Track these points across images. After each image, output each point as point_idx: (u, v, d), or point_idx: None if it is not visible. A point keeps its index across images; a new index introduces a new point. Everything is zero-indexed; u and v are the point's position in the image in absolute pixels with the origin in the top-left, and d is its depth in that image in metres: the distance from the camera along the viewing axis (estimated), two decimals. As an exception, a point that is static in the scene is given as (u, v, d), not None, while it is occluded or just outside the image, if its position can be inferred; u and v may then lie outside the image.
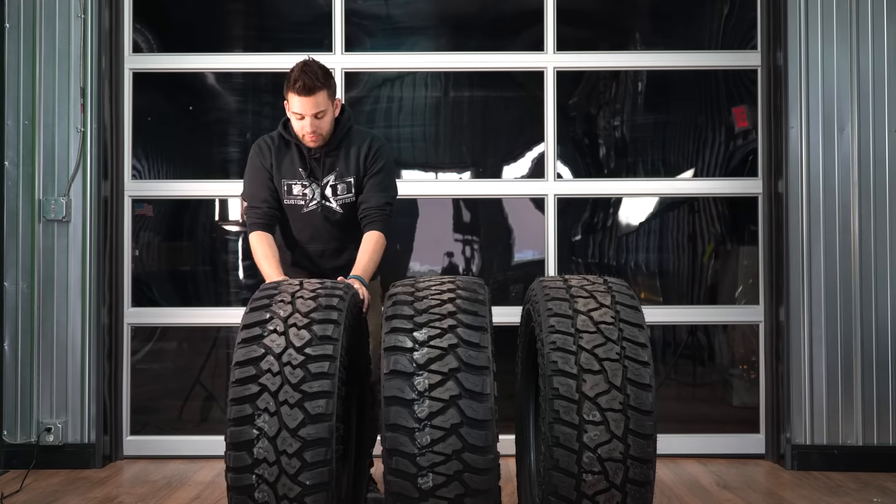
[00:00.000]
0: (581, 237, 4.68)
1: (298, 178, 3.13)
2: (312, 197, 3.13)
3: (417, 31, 4.76)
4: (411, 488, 2.18)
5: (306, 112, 2.99)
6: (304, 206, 3.14)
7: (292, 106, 3.02)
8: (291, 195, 3.14)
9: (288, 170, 3.13)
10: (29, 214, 4.21)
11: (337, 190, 3.13)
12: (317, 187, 3.12)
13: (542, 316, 2.40)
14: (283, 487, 2.19)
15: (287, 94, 3.03)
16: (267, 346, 2.29)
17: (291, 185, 3.13)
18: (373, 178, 3.13)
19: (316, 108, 2.99)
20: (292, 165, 3.13)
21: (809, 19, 4.20)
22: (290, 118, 3.08)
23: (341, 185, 3.13)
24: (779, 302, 4.25)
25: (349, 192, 3.14)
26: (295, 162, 3.13)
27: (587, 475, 2.21)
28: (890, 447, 4.11)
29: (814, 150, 4.20)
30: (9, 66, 4.22)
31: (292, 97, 3.00)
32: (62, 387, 4.19)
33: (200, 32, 4.73)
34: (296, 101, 2.99)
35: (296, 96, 2.98)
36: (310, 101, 2.97)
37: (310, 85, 2.96)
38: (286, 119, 3.16)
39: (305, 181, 3.12)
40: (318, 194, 3.12)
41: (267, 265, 3.02)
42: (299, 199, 3.13)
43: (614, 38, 4.78)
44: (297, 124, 3.05)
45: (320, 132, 3.04)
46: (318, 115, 3.01)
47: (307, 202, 3.14)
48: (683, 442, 4.36)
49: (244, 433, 2.21)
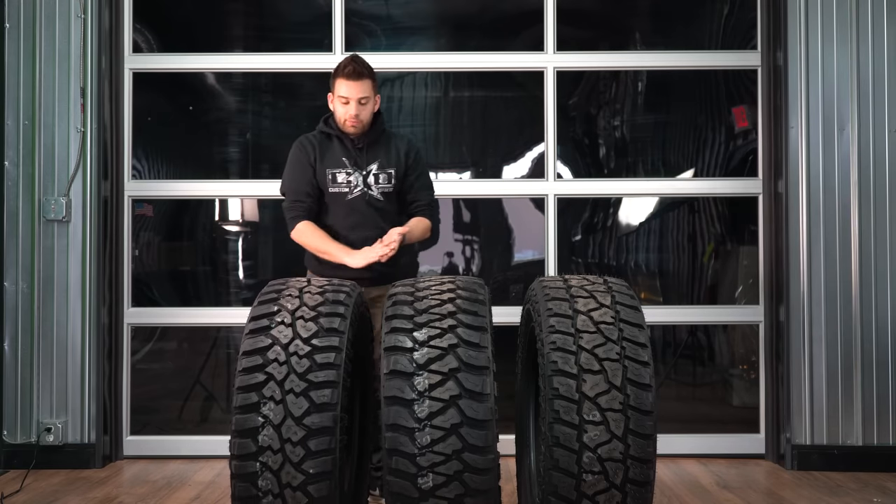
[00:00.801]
0: (581, 237, 4.68)
1: (342, 167, 3.29)
2: (356, 184, 3.29)
3: (417, 31, 4.76)
4: (411, 488, 2.18)
5: (352, 96, 3.20)
6: (349, 192, 3.29)
7: (339, 90, 3.22)
8: (336, 183, 3.29)
9: (332, 160, 3.30)
10: (29, 214, 4.21)
11: (379, 179, 3.31)
12: (359, 175, 3.29)
13: (542, 316, 2.40)
14: (286, 475, 2.21)
15: (334, 82, 3.25)
16: (274, 337, 2.33)
17: (336, 173, 3.29)
18: (419, 178, 3.40)
19: (361, 93, 3.21)
20: (336, 155, 3.30)
21: (809, 19, 4.21)
22: (335, 105, 3.27)
23: (383, 175, 3.31)
24: (779, 302, 4.25)
25: (389, 182, 3.32)
26: (338, 152, 3.31)
27: (587, 475, 2.21)
28: (890, 447, 4.11)
29: (814, 150, 4.20)
30: (9, 66, 4.23)
31: (340, 82, 3.22)
32: (62, 387, 4.19)
33: (200, 32, 4.73)
34: (344, 85, 3.20)
35: (344, 81, 3.20)
36: (357, 85, 3.19)
37: (359, 70, 3.20)
38: (326, 116, 3.37)
39: (349, 169, 3.29)
40: (361, 181, 3.29)
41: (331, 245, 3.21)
42: (343, 186, 3.29)
43: (614, 38, 4.78)
44: (340, 109, 3.24)
45: (361, 119, 3.24)
46: (362, 101, 3.22)
47: (351, 189, 3.29)
48: (683, 442, 4.36)
49: (249, 421, 2.23)
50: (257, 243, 4.80)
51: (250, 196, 4.65)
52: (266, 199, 4.65)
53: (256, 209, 4.72)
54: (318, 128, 3.38)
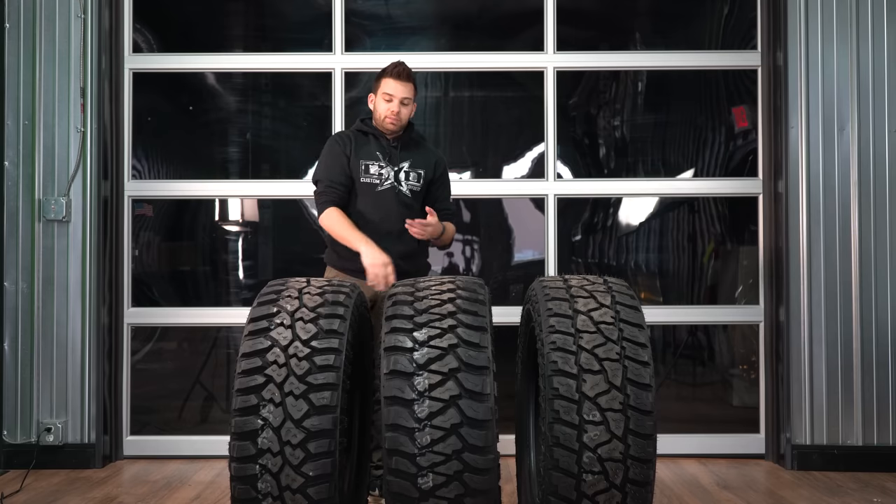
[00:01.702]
0: (581, 237, 4.68)
1: (376, 160, 3.45)
2: (387, 177, 3.44)
3: (417, 31, 4.76)
4: (411, 488, 2.18)
5: (397, 94, 3.40)
6: (380, 184, 3.43)
7: (385, 88, 3.41)
8: (368, 174, 3.43)
9: (366, 153, 3.46)
10: (29, 214, 4.21)
11: (409, 176, 3.47)
12: (391, 170, 3.44)
13: (542, 316, 2.40)
14: (286, 478, 2.21)
15: (381, 80, 3.44)
16: (273, 339, 2.32)
17: (369, 164, 3.44)
18: (445, 189, 3.62)
19: (405, 93, 3.41)
20: (371, 150, 3.46)
21: (809, 19, 4.21)
22: (377, 103, 3.44)
23: (413, 174, 3.48)
24: (779, 302, 4.25)
25: (418, 181, 3.49)
26: (374, 147, 3.47)
27: (587, 475, 2.21)
28: (890, 447, 4.11)
29: (814, 150, 4.20)
30: (9, 66, 4.23)
31: (387, 81, 3.41)
32: (62, 387, 4.19)
33: (200, 32, 4.73)
34: (391, 83, 3.40)
35: (392, 80, 3.40)
36: (402, 86, 3.40)
37: (407, 72, 3.43)
38: (363, 117, 3.56)
39: (382, 163, 3.45)
40: (392, 176, 3.44)
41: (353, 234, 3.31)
42: (375, 178, 3.43)
43: (614, 38, 4.78)
44: (383, 106, 3.42)
45: (401, 117, 3.43)
46: (404, 102, 3.42)
47: (382, 181, 3.43)
48: (683, 442, 4.36)
49: (249, 423, 2.23)
50: (257, 243, 4.80)
51: (250, 196, 4.65)
52: (266, 199, 4.65)
53: (256, 209, 4.72)
54: (355, 126, 3.53)
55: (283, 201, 4.64)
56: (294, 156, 4.82)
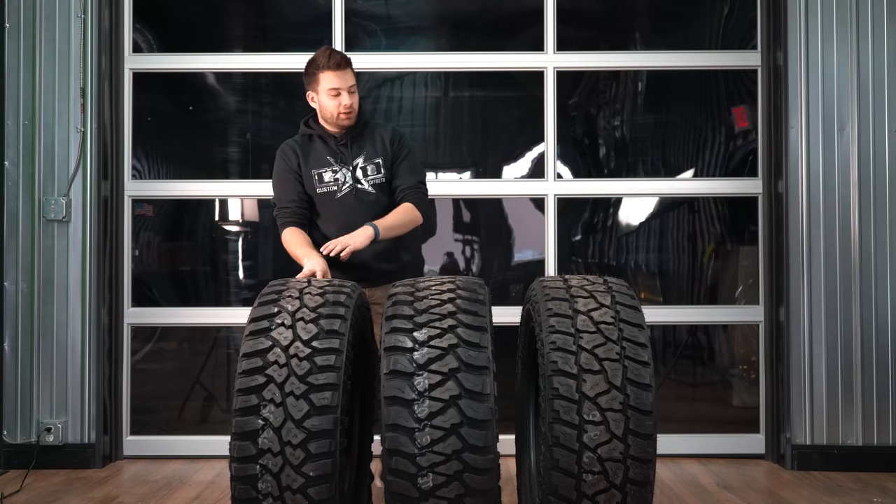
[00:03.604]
0: (581, 237, 4.68)
1: (328, 166, 3.23)
2: (344, 181, 3.23)
3: (417, 31, 4.76)
4: (411, 488, 2.18)
5: (343, 86, 3.14)
6: (338, 190, 3.23)
7: (328, 83, 3.14)
8: (323, 183, 3.23)
9: (316, 160, 3.24)
10: (29, 214, 4.21)
11: (367, 171, 3.24)
12: (347, 171, 3.23)
13: (542, 316, 2.40)
14: (286, 478, 2.21)
15: (319, 76, 3.16)
16: (274, 339, 2.32)
17: (322, 173, 3.23)
18: (403, 162, 3.28)
19: (348, 83, 3.16)
20: (320, 155, 3.25)
21: (809, 19, 4.21)
22: (321, 101, 3.19)
23: (371, 166, 3.24)
24: (779, 302, 4.25)
25: (379, 172, 3.25)
26: (322, 152, 3.25)
27: (587, 475, 2.21)
28: (890, 447, 4.11)
29: (814, 150, 4.20)
30: (9, 66, 4.23)
31: (327, 75, 3.14)
32: (62, 387, 4.19)
33: (200, 32, 4.73)
34: (332, 77, 3.13)
35: (331, 72, 3.13)
36: (344, 75, 3.14)
37: (344, 59, 3.16)
38: (306, 118, 3.31)
39: (335, 167, 3.23)
40: (349, 177, 3.23)
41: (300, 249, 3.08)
42: (331, 185, 3.23)
43: (614, 38, 4.78)
44: (331, 103, 3.17)
45: (354, 108, 3.19)
46: (351, 91, 3.17)
47: (340, 187, 3.23)
48: (683, 442, 4.37)
49: (249, 423, 2.23)
50: (257, 243, 4.80)
51: (250, 196, 4.65)
52: (266, 198, 4.65)
53: (256, 209, 4.72)
54: (300, 131, 3.31)
55: (283, 201, 4.63)
56: (294, 156, 4.81)
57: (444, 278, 2.51)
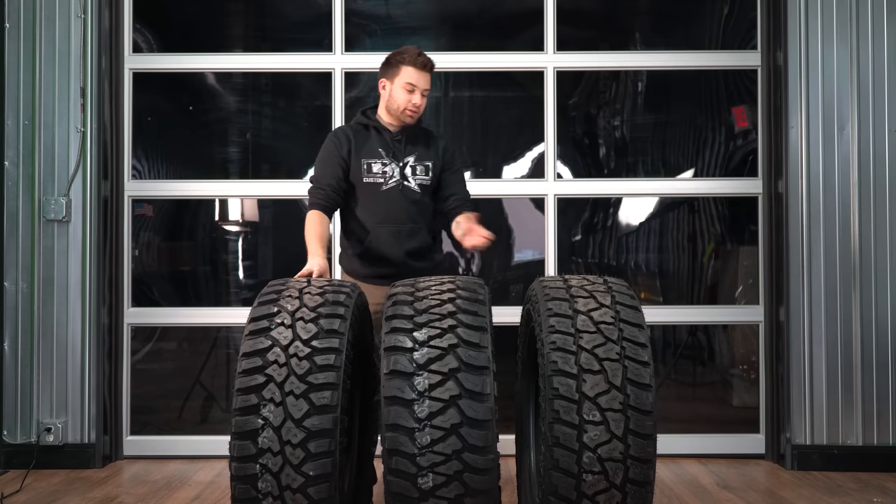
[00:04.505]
0: (581, 237, 4.68)
1: (378, 157, 3.24)
2: (392, 175, 3.24)
3: (417, 31, 4.76)
4: (411, 488, 2.18)
5: (420, 85, 3.19)
6: (384, 183, 3.23)
7: (407, 77, 3.18)
8: (371, 173, 3.23)
9: (368, 150, 3.25)
10: (29, 214, 4.21)
11: (416, 170, 3.26)
12: (396, 166, 3.24)
13: (542, 316, 2.40)
14: (286, 477, 2.21)
15: (400, 68, 3.20)
16: (274, 338, 2.32)
17: (371, 163, 3.24)
18: (455, 174, 3.36)
19: (427, 85, 3.21)
20: (373, 146, 3.25)
21: (809, 19, 4.21)
22: (395, 92, 3.21)
23: (420, 167, 3.27)
24: (779, 302, 4.25)
25: (427, 174, 3.27)
26: (375, 143, 3.26)
27: (587, 475, 2.21)
28: (890, 447, 4.11)
29: (814, 150, 4.20)
30: (9, 66, 4.23)
31: (410, 70, 3.18)
32: (62, 387, 4.19)
33: (200, 32, 4.73)
34: (413, 73, 3.18)
35: (414, 69, 3.18)
36: (425, 76, 3.20)
37: (430, 62, 3.22)
38: (364, 108, 3.34)
39: (386, 160, 3.24)
40: (397, 172, 3.24)
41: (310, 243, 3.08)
42: (378, 176, 3.23)
43: (614, 38, 4.78)
44: (404, 97, 3.20)
45: (421, 110, 3.23)
46: (424, 93, 3.22)
47: (386, 179, 3.23)
48: (683, 442, 4.37)
49: (249, 423, 2.23)
50: (257, 243, 4.80)
51: (250, 196, 4.65)
52: (266, 198, 4.65)
53: (256, 209, 4.72)
54: (356, 119, 3.32)
55: (283, 201, 4.64)
56: (294, 156, 4.82)
57: (444, 278, 2.51)
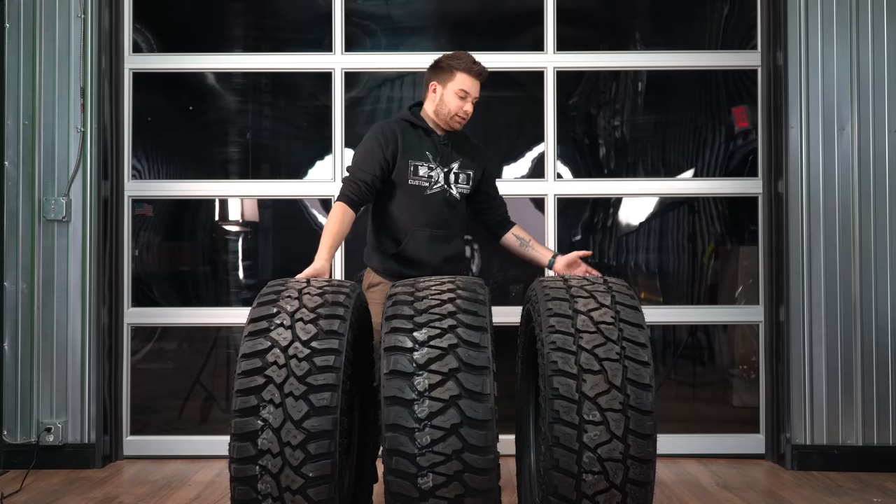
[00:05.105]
0: (581, 237, 4.68)
1: (426, 161, 3.23)
2: (437, 180, 3.24)
3: (417, 31, 4.76)
4: (411, 488, 2.18)
5: (473, 93, 3.21)
6: (429, 187, 3.23)
7: (462, 84, 3.20)
8: (417, 176, 3.22)
9: (416, 151, 3.23)
10: (29, 214, 4.21)
11: (459, 178, 3.28)
12: (442, 172, 3.25)
13: (542, 316, 2.40)
14: (286, 479, 2.21)
15: (456, 74, 3.20)
16: (273, 340, 2.32)
17: (418, 165, 3.22)
18: (494, 183, 3.45)
19: (478, 93, 3.24)
20: (421, 148, 3.24)
21: (809, 19, 4.20)
22: (448, 97, 3.21)
23: (463, 175, 3.29)
24: (779, 302, 4.25)
25: (467, 183, 3.31)
26: (424, 145, 3.24)
27: (587, 475, 2.21)
28: (890, 447, 4.11)
29: (814, 150, 4.20)
30: (9, 66, 4.23)
31: (465, 77, 3.20)
32: (62, 387, 4.19)
33: (200, 32, 4.73)
34: (468, 81, 3.20)
35: (470, 77, 3.21)
36: (478, 85, 3.23)
37: (486, 73, 3.24)
38: (412, 105, 3.33)
39: (433, 164, 3.24)
40: (442, 178, 3.25)
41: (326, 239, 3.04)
42: (424, 180, 3.22)
43: (614, 38, 4.78)
44: (455, 103, 3.20)
45: (469, 116, 3.24)
46: (474, 101, 3.23)
47: (431, 184, 3.23)
48: (683, 442, 4.36)
49: (248, 424, 2.23)
50: (257, 243, 4.80)
51: (250, 196, 4.65)
52: (266, 198, 4.65)
53: (256, 209, 4.72)
54: (402, 116, 3.30)
55: (283, 201, 4.64)
56: (294, 156, 4.82)
57: (444, 278, 2.52)
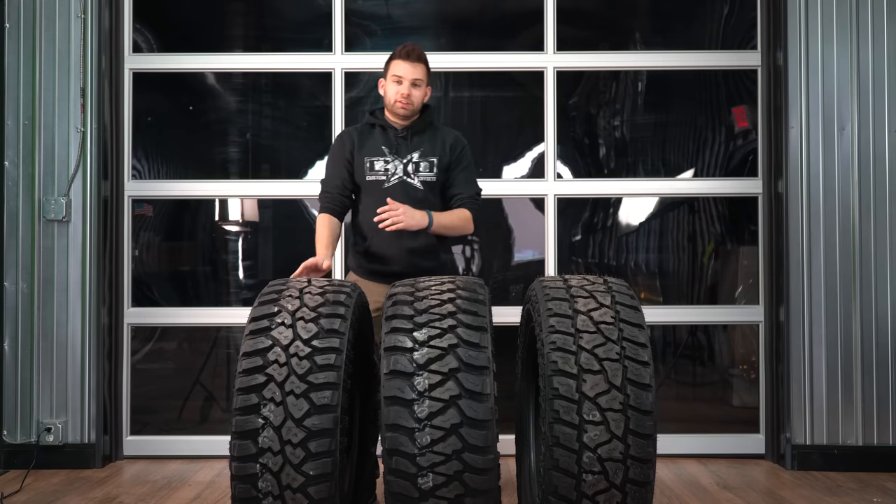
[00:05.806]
0: (581, 237, 4.68)
1: (381, 155, 3.28)
2: (394, 172, 3.27)
3: (417, 31, 4.76)
4: (411, 488, 2.18)
5: (406, 76, 3.23)
6: (386, 180, 3.26)
7: (394, 70, 3.25)
8: (373, 171, 3.27)
9: (371, 148, 3.30)
10: (29, 214, 4.21)
11: (420, 167, 3.28)
12: (399, 163, 3.27)
13: (542, 316, 2.40)
14: (286, 477, 2.21)
15: (390, 63, 3.28)
16: (274, 338, 2.32)
17: (373, 161, 3.28)
18: (462, 172, 3.35)
19: (414, 75, 3.23)
20: (376, 144, 3.30)
21: (809, 19, 4.21)
22: (387, 87, 3.29)
23: (424, 164, 3.28)
24: (779, 302, 4.25)
25: (431, 170, 3.29)
26: (379, 141, 3.30)
27: (587, 475, 2.21)
28: (890, 447, 4.11)
29: (814, 150, 4.20)
30: (9, 66, 4.22)
31: (396, 63, 3.25)
32: (62, 387, 4.19)
33: (200, 32, 4.73)
34: (400, 65, 3.24)
35: (401, 61, 3.24)
36: (412, 67, 3.24)
37: (417, 53, 3.25)
38: (373, 109, 3.41)
39: (388, 157, 3.27)
40: (399, 169, 3.27)
41: (319, 244, 3.19)
42: (381, 174, 3.27)
43: (614, 38, 4.78)
44: (393, 89, 3.26)
45: (412, 101, 3.25)
46: (415, 83, 3.24)
47: (388, 177, 3.26)
48: (683, 442, 4.36)
49: (249, 422, 2.23)
50: (257, 243, 4.80)
51: (250, 196, 4.65)
52: (266, 198, 4.65)
53: (256, 209, 4.72)
54: (365, 119, 3.40)
55: (283, 201, 4.64)
56: (294, 156, 4.82)
57: (444, 278, 2.52)
